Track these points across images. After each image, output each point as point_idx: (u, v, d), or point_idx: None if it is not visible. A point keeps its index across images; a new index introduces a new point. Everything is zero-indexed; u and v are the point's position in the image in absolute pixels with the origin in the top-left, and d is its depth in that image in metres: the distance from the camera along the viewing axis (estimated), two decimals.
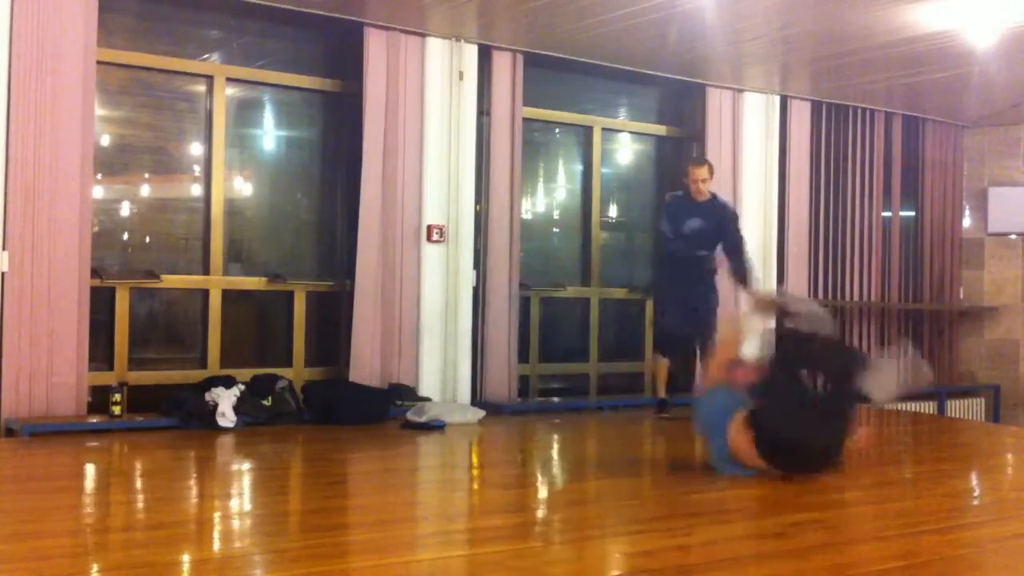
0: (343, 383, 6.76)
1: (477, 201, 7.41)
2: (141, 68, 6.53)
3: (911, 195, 9.75)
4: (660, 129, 8.66)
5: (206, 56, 6.86)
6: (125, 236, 6.72)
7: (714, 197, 7.01)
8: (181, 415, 6.01)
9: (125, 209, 6.76)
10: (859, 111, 9.19)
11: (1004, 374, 9.74)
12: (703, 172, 6.93)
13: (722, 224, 6.98)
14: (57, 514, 3.97)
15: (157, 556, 3.32)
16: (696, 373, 7.58)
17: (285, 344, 7.03)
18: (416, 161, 7.06)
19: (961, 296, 9.99)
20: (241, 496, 4.62)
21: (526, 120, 7.65)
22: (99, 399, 6.05)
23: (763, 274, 8.65)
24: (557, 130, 8.41)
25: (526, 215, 8.10)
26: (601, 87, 8.35)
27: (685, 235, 6.88)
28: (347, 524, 4.09)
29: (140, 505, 4.44)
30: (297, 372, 6.90)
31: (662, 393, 7.08)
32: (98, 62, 6.06)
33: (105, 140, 6.57)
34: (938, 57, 7.46)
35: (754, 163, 8.66)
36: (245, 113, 7.11)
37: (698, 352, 7.26)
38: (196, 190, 6.82)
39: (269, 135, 7.34)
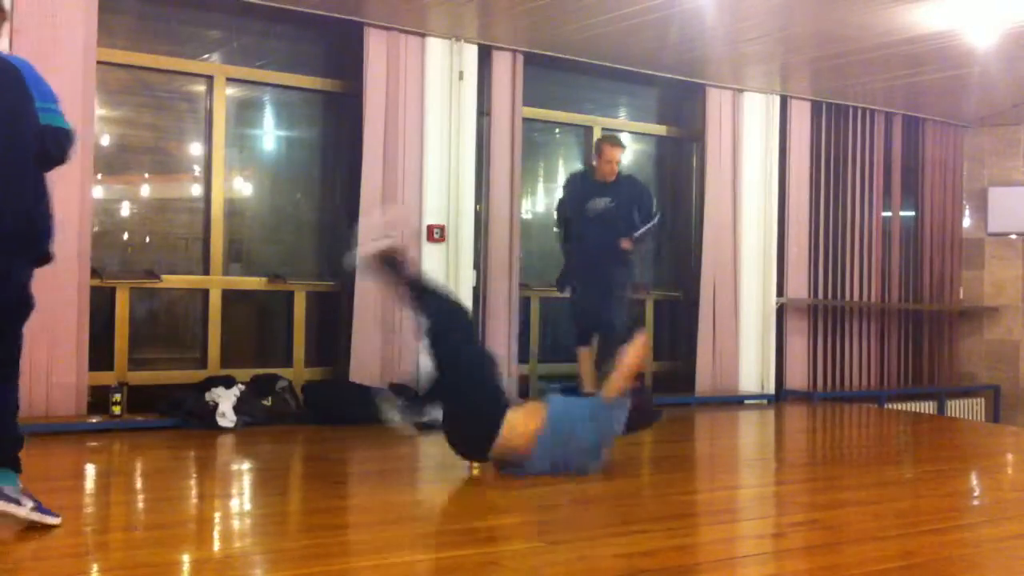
0: (343, 383, 6.77)
1: (477, 201, 7.41)
2: (141, 68, 6.54)
3: (911, 195, 9.75)
4: (660, 129, 8.66)
5: (206, 56, 6.86)
6: (125, 236, 6.72)
7: (618, 175, 6.86)
8: (181, 415, 6.02)
9: (125, 209, 6.76)
10: (859, 111, 9.19)
11: (1004, 374, 9.74)
12: (619, 154, 6.80)
13: (633, 198, 6.84)
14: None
15: (157, 556, 3.32)
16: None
17: (285, 344, 7.03)
18: (416, 161, 7.06)
19: (961, 296, 9.99)
20: (241, 496, 4.62)
21: (526, 120, 7.65)
22: (99, 399, 6.05)
23: (763, 274, 8.67)
24: (557, 130, 8.41)
25: (526, 215, 8.09)
26: (601, 87, 8.35)
27: (588, 218, 6.74)
28: (347, 524, 4.09)
29: (140, 505, 4.44)
30: (297, 372, 6.91)
31: (590, 387, 6.69)
32: (98, 62, 6.07)
33: (105, 140, 6.57)
34: (938, 57, 7.46)
35: (754, 163, 8.67)
36: (245, 113, 7.11)
37: (606, 338, 6.67)
38: (196, 190, 6.83)
39: (269, 135, 7.34)
